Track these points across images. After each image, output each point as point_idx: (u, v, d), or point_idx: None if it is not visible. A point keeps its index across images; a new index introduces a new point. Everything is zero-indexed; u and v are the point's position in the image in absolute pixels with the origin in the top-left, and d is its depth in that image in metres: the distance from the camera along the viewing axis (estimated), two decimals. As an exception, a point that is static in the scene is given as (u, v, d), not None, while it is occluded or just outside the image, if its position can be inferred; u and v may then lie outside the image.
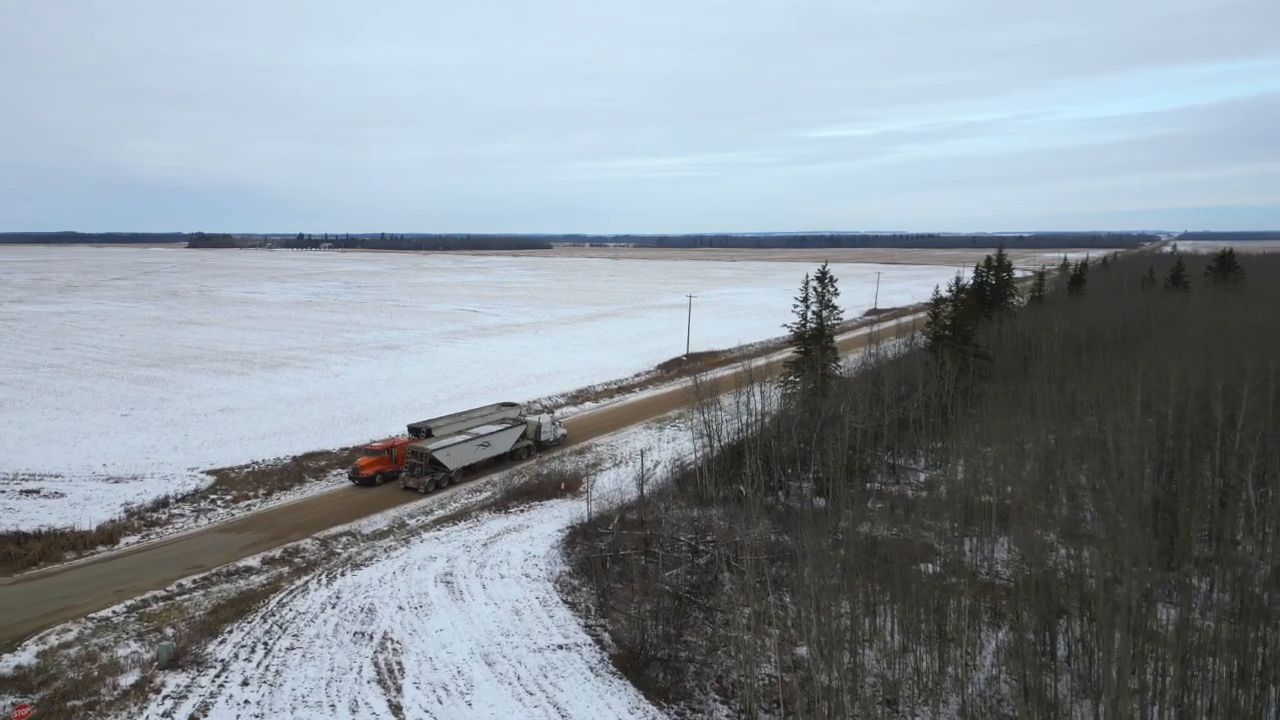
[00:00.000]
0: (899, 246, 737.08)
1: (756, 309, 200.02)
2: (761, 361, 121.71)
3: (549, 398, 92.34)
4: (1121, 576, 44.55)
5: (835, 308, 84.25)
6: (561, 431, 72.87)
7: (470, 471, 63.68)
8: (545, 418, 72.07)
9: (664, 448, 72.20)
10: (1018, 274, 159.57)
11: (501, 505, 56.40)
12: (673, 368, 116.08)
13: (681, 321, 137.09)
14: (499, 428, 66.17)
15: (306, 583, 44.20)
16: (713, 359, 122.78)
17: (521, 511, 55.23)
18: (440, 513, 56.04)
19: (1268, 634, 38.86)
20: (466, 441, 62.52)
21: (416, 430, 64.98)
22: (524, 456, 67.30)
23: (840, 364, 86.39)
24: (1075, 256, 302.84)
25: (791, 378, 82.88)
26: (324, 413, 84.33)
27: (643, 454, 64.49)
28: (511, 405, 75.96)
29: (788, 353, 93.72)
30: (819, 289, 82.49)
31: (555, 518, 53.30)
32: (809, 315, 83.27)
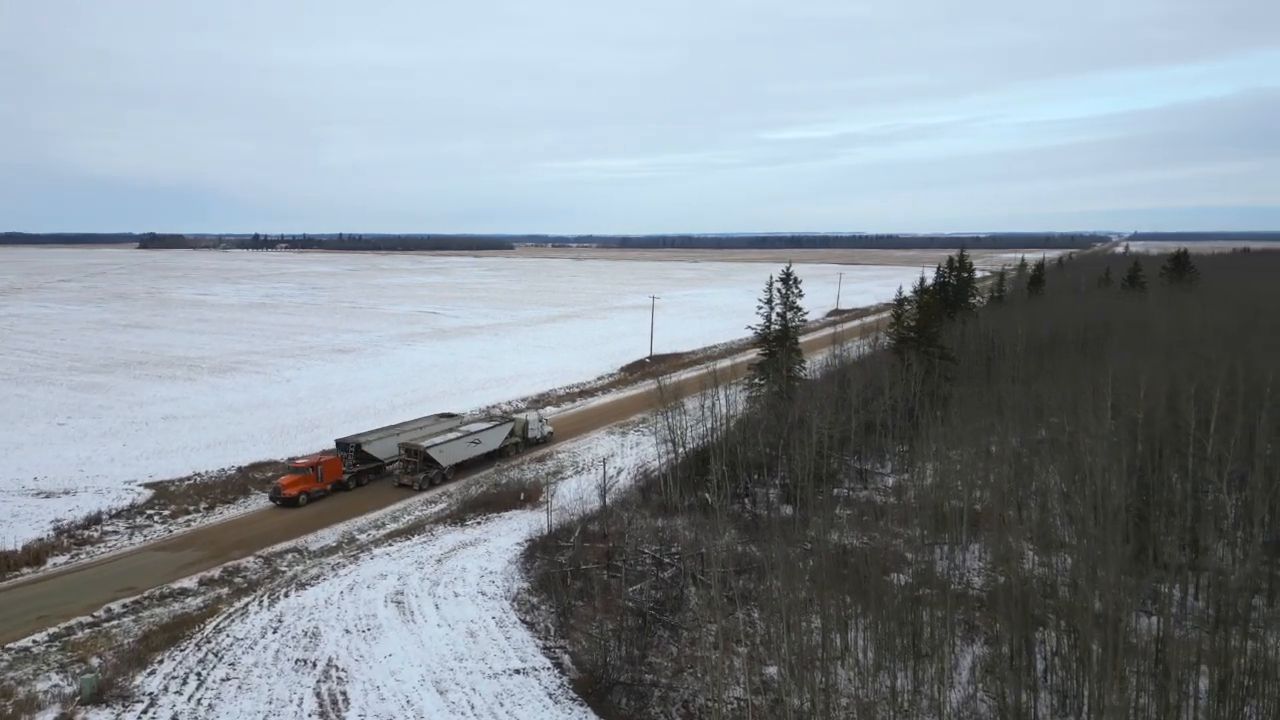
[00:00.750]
0: (858, 247, 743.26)
1: (720, 309, 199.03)
2: (726, 363, 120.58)
3: (509, 402, 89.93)
4: (1097, 585, 43.70)
5: (799, 309, 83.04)
6: (548, 429, 73.95)
7: (461, 469, 64.05)
8: (532, 415, 73.56)
9: (627, 454, 70.30)
10: (977, 274, 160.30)
11: (457, 517, 54.02)
12: (636, 370, 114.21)
13: (644, 323, 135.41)
14: (489, 425, 67.57)
15: (247, 605, 41.54)
16: (677, 361, 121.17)
17: (478, 524, 52.92)
18: (393, 526, 53.51)
19: (1246, 645, 38.08)
20: (459, 439, 63.52)
21: (345, 445, 61.48)
22: (512, 453, 68.15)
23: (805, 365, 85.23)
24: (1032, 257, 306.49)
25: (756, 380, 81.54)
26: (273, 420, 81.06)
27: (605, 461, 62.57)
28: (451, 416, 72.28)
29: (752, 354, 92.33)
30: (783, 290, 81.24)
31: (514, 530, 51.10)
32: (773, 317, 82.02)
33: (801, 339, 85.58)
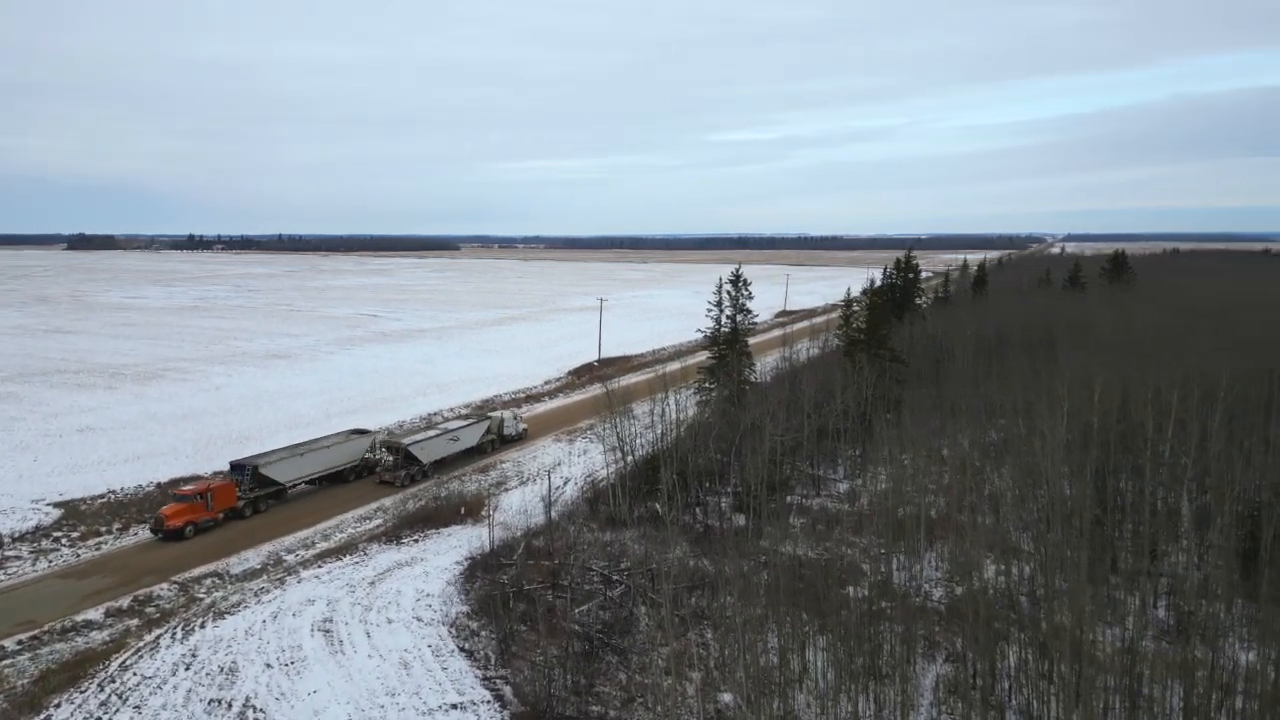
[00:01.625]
0: (804, 248, 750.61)
1: (668, 311, 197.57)
2: (676, 366, 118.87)
3: (451, 409, 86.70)
4: (1058, 596, 42.60)
5: (749, 311, 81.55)
6: (523, 426, 75.42)
7: (441, 465, 64.71)
8: (507, 414, 75.78)
9: (575, 462, 67.87)
10: (923, 275, 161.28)
11: (393, 535, 50.98)
12: (584, 374, 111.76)
13: (593, 325, 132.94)
14: (466, 423, 69.25)
15: (158, 638, 38.13)
16: (625, 364, 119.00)
17: (415, 542, 49.97)
18: (323, 545, 50.23)
19: (1211, 656, 37.25)
20: (438, 436, 65.13)
21: (241, 467, 55.86)
22: (489, 450, 69.85)
23: (754, 367, 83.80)
24: (973, 257, 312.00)
25: (707, 384, 79.82)
26: (199, 431, 76.69)
27: (549, 474, 60.11)
28: (363, 432, 66.48)
29: (701, 356, 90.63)
30: (732, 292, 79.66)
31: (453, 548, 48.29)
32: (723, 320, 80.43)
33: (751, 340, 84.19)
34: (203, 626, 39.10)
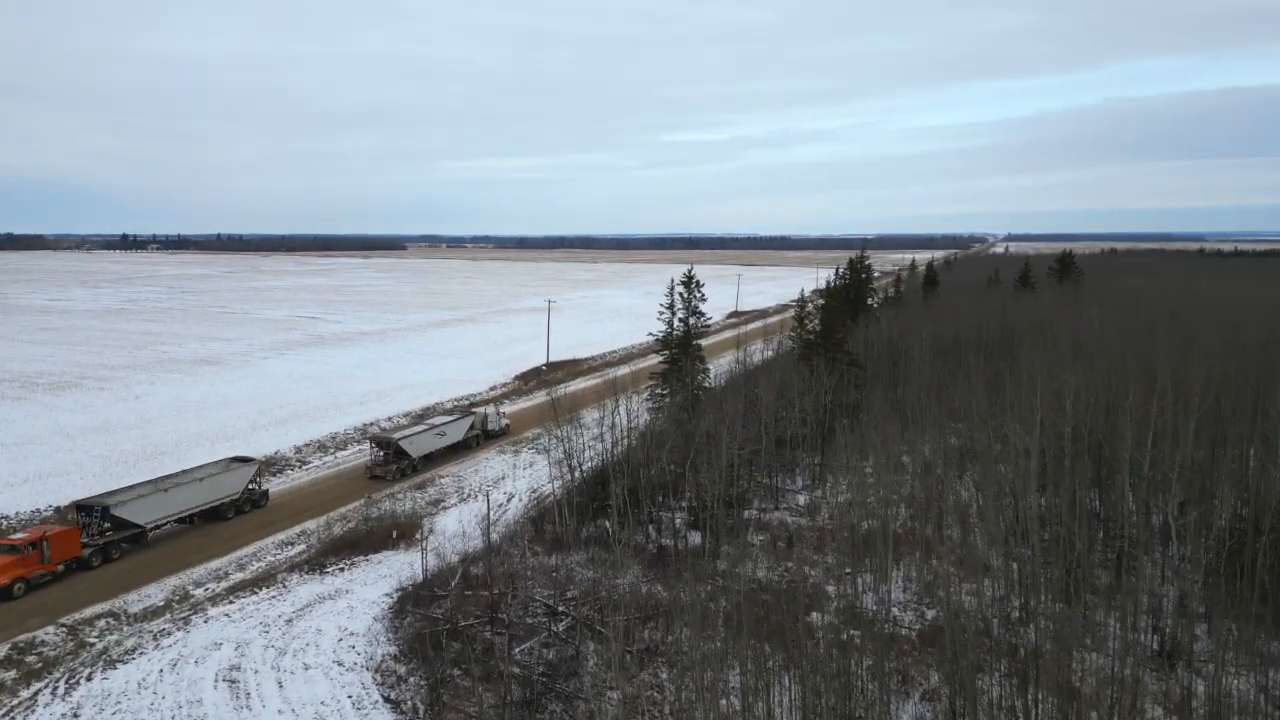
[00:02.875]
0: (753, 248, 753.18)
1: (619, 312, 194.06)
2: (626, 370, 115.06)
3: (389, 418, 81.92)
4: (1033, 617, 39.95)
5: (702, 314, 78.44)
6: (505, 421, 77.26)
7: (429, 459, 66.14)
8: (490, 409, 78.49)
9: (519, 476, 63.91)
10: (874, 275, 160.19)
11: (317, 563, 46.45)
12: (532, 379, 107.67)
13: (541, 327, 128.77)
14: (452, 419, 71.44)
15: (36, 694, 33.35)
16: (575, 368, 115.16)
17: (341, 570, 45.57)
18: (238, 577, 45.51)
19: (1195, 682, 34.93)
20: (426, 431, 67.13)
21: (89, 508, 47.86)
22: (473, 444, 71.87)
23: (708, 371, 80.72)
24: (920, 257, 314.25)
25: (659, 390, 76.50)
26: (112, 446, 70.87)
27: (488, 495, 56.12)
28: (245, 461, 58.63)
29: (653, 359, 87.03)
30: (685, 295, 76.47)
31: (383, 577, 44.05)
32: (675, 323, 77.21)
33: (703, 342, 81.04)
34: (90, 679, 34.38)
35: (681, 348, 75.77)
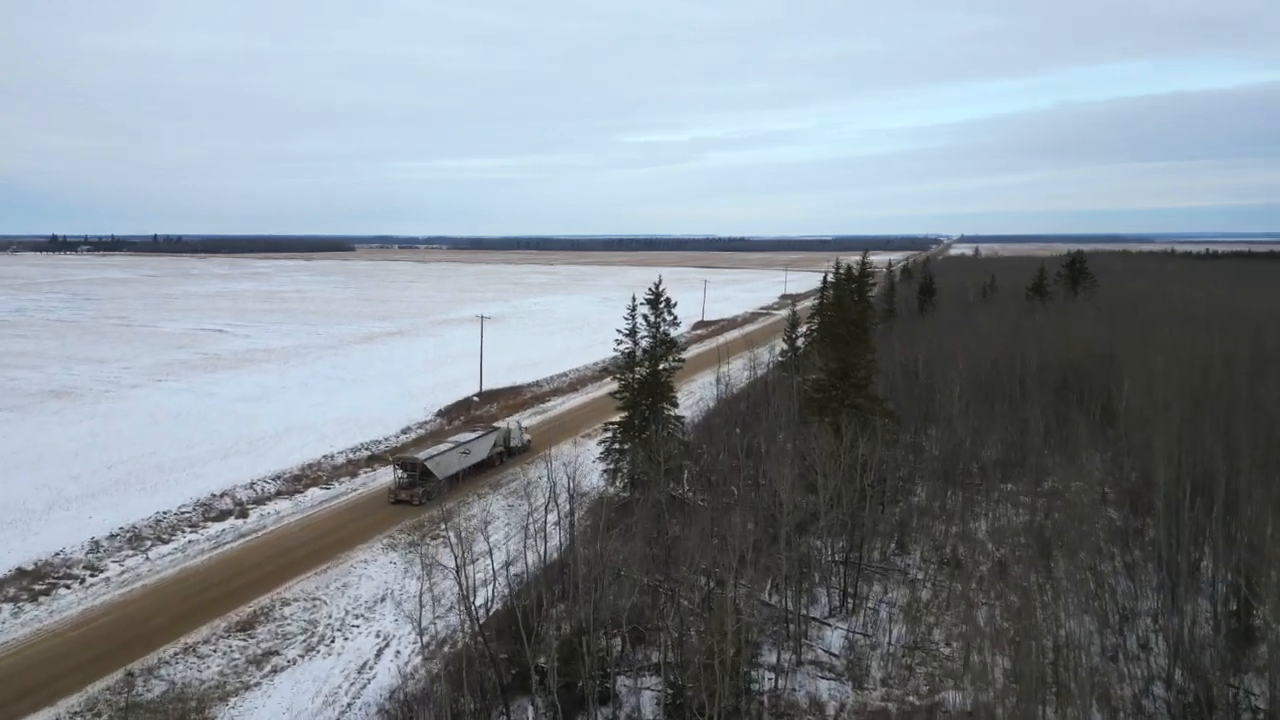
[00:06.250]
0: (712, 250, 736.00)
1: (573, 322, 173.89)
2: (576, 401, 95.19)
3: (250, 484, 60.72)
4: None
5: (674, 343, 58.96)
6: (527, 437, 73.24)
7: (453, 480, 59.36)
8: (513, 423, 74.16)
9: (407, 593, 43.24)
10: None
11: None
12: (460, 413, 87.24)
13: (487, 339, 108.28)
14: (476, 435, 67.73)
15: None
16: (513, 398, 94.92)
17: None
18: None
19: None
20: (451, 450, 62.94)
21: None
22: (497, 462, 68.20)
23: (682, 421, 61.36)
24: (880, 258, 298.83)
25: (617, 444, 56.90)
26: None
27: (338, 645, 35.68)
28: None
29: (609, 384, 67.30)
30: (651, 316, 56.93)
31: None
32: (638, 352, 57.65)
33: (678, 359, 61.27)
34: None
35: (647, 392, 56.12)
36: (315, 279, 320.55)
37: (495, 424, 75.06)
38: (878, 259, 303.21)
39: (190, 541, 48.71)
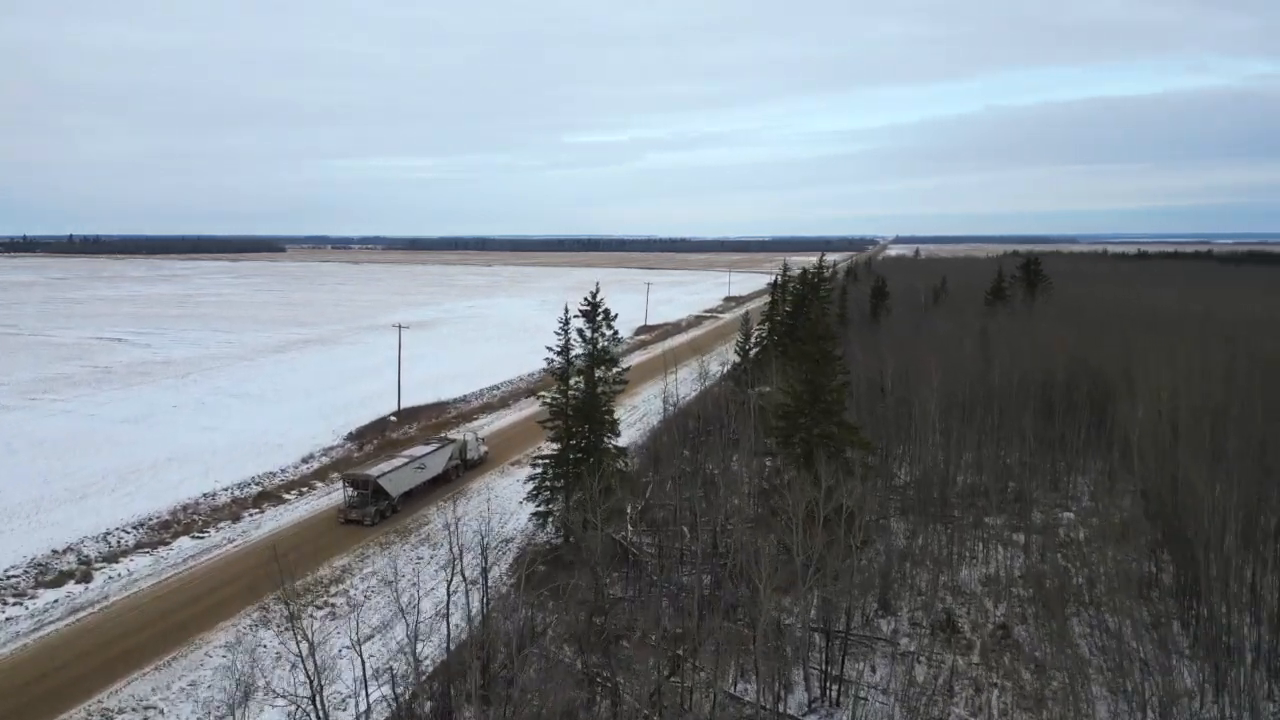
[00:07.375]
0: (654, 250, 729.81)
1: (508, 328, 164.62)
2: (508, 420, 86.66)
3: (105, 535, 50.78)
4: None
5: (613, 360, 50.88)
6: (484, 449, 70.06)
7: (408, 497, 57.04)
8: (470, 436, 69.97)
9: (278, 682, 34.38)
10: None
11: None
12: (374, 435, 77.69)
13: (410, 350, 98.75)
14: (432, 449, 63.28)
15: None
16: (436, 416, 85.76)
17: None
18: None
19: None
20: (405, 465, 58.59)
21: None
22: (453, 476, 64.17)
23: (627, 457, 53.60)
24: (837, 258, 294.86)
25: (548, 480, 48.69)
26: None
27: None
28: None
29: (545, 398, 59.27)
30: (587, 330, 48.91)
31: None
32: (570, 371, 49.64)
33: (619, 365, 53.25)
34: None
35: (583, 417, 47.94)
36: (237, 281, 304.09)
37: (450, 435, 70.52)
38: (813, 259, 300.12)
39: (7, 620, 38.63)
